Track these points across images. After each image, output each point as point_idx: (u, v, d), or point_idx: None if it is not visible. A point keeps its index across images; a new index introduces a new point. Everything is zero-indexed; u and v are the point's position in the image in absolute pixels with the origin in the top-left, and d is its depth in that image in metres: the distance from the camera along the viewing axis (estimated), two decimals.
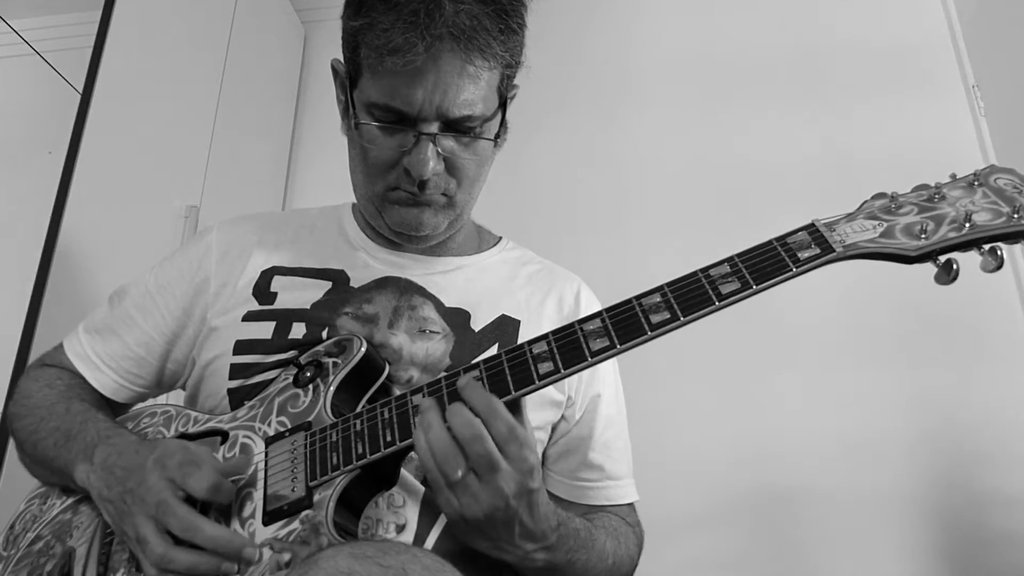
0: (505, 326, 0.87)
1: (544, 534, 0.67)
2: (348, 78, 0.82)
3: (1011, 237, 0.57)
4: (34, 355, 1.22)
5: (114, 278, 1.42)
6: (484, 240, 1.00)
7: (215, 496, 0.66)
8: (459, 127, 0.78)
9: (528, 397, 0.64)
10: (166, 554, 0.63)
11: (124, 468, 0.69)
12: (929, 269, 0.59)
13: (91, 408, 0.82)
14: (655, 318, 0.62)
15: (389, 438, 0.65)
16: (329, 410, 0.72)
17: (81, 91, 1.43)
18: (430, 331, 0.83)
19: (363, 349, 0.75)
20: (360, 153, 0.83)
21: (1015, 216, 0.57)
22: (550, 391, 0.85)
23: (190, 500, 0.66)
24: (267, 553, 0.64)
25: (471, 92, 0.76)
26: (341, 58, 0.87)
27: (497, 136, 0.84)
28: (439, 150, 0.78)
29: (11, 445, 1.01)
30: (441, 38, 0.72)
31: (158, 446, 0.70)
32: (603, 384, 0.92)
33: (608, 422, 0.91)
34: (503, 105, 0.83)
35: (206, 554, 0.63)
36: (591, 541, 0.76)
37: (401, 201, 0.83)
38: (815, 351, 1.75)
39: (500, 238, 1.01)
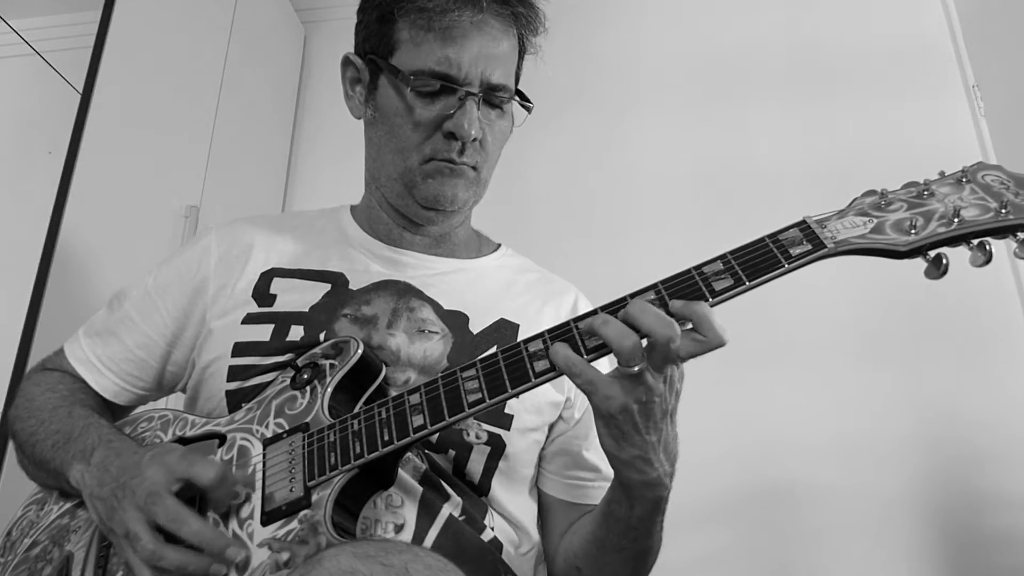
0: (504, 329, 0.87)
1: (675, 455, 0.70)
2: (379, 56, 0.85)
3: (999, 232, 0.58)
4: (34, 355, 1.22)
5: (114, 278, 1.43)
6: (484, 245, 1.01)
7: (220, 486, 0.66)
8: (494, 96, 0.83)
9: (526, 399, 0.64)
10: (156, 550, 0.63)
11: (120, 467, 0.70)
12: (921, 265, 0.60)
13: (94, 413, 0.82)
14: None
15: (387, 437, 0.66)
16: (327, 412, 0.72)
17: (81, 91, 1.43)
18: (429, 331, 0.83)
19: (360, 351, 0.75)
20: (392, 128, 0.85)
21: (1002, 211, 0.58)
22: (549, 392, 0.85)
23: (183, 500, 0.66)
24: (266, 552, 0.64)
25: (506, 63, 0.83)
26: (349, 56, 0.91)
27: (529, 105, 0.89)
28: (479, 116, 0.82)
29: (10, 449, 1.01)
30: (488, 6, 0.79)
31: (157, 446, 0.71)
32: None
33: None
34: (518, 91, 0.88)
35: (197, 554, 0.63)
36: None
37: (436, 172, 0.84)
38: (815, 352, 1.75)
39: (499, 245, 1.02)
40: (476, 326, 0.86)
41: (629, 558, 0.78)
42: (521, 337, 0.86)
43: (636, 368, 0.59)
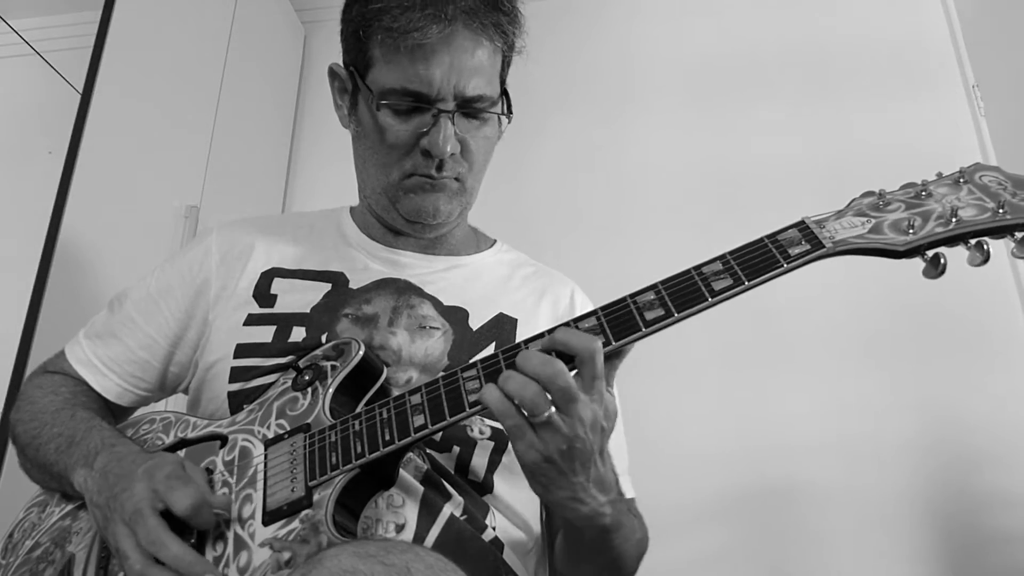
0: (503, 324, 0.87)
1: (611, 484, 0.67)
2: (356, 72, 0.84)
3: (996, 232, 0.59)
4: (34, 355, 1.22)
5: (114, 278, 1.43)
6: (481, 241, 1.01)
7: (195, 515, 0.64)
8: (472, 108, 0.82)
9: None
10: (143, 571, 0.62)
11: (117, 475, 0.69)
12: (920, 266, 0.61)
13: (96, 416, 0.82)
14: (649, 315, 0.62)
15: (388, 437, 0.66)
16: (328, 412, 0.72)
17: (81, 91, 1.43)
18: (430, 327, 0.84)
19: (361, 353, 0.75)
20: (372, 144, 0.85)
21: (1000, 211, 0.58)
22: None
23: (171, 519, 0.65)
24: (267, 552, 0.64)
25: (483, 72, 0.81)
26: (334, 67, 0.90)
27: (509, 115, 0.87)
28: (456, 130, 0.81)
29: (10, 451, 1.00)
30: (455, 18, 0.77)
31: (155, 457, 0.70)
32: None
33: None
34: (504, 93, 0.87)
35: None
36: (626, 508, 0.74)
37: (417, 187, 0.84)
38: (815, 352, 1.75)
39: (495, 240, 1.03)
40: (476, 321, 0.86)
41: (602, 567, 0.77)
42: (520, 331, 0.87)
43: (545, 415, 0.59)
